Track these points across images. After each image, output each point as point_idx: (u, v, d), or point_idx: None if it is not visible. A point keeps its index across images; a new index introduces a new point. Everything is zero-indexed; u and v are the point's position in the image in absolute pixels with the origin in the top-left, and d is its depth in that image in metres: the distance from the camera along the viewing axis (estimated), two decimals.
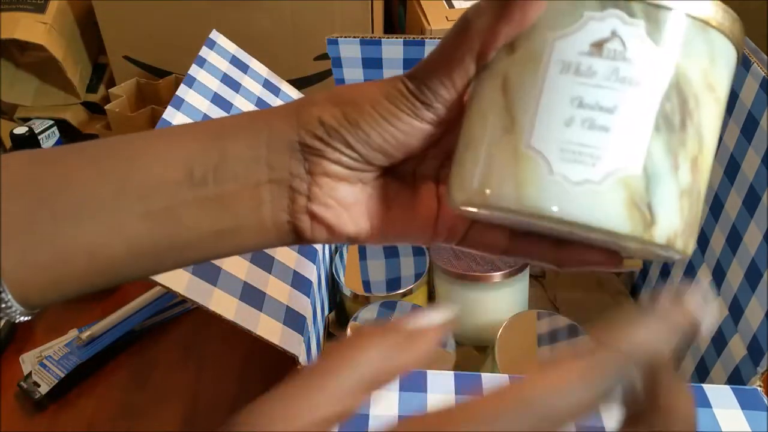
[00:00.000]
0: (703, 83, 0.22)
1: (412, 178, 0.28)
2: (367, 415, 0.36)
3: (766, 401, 0.38)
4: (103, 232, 0.24)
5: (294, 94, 0.62)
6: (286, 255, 0.48)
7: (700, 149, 0.22)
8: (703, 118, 0.22)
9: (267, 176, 0.25)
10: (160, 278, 0.35)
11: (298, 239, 0.27)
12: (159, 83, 0.80)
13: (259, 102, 0.57)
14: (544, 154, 0.21)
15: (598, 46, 0.21)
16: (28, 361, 0.62)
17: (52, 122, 0.84)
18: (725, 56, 0.23)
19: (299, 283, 0.47)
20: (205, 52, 0.54)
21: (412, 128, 0.25)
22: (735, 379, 0.45)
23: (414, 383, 0.38)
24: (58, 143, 0.85)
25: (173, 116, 0.47)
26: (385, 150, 0.25)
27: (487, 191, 0.22)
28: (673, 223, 0.22)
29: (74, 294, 0.25)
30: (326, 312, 0.58)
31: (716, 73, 0.22)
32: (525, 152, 0.22)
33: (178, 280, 0.37)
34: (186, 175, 0.24)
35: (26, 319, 0.24)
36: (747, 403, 0.38)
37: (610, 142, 0.21)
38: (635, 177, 0.21)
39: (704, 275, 0.51)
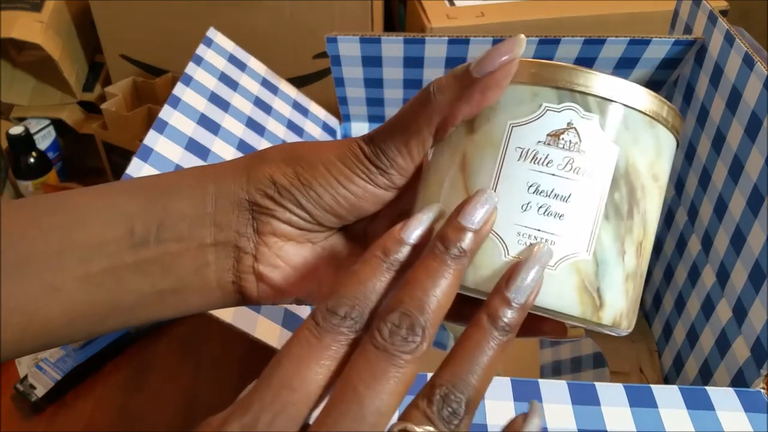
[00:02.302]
0: (649, 174, 0.23)
1: (363, 237, 0.28)
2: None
3: None
4: (40, 293, 0.23)
5: (292, 92, 0.62)
6: None
7: (644, 234, 0.24)
8: (648, 205, 0.24)
9: (212, 236, 0.25)
10: None
11: (244, 300, 0.26)
12: (156, 82, 0.80)
13: (257, 101, 0.56)
14: (501, 236, 0.22)
15: (554, 137, 0.23)
16: (24, 363, 0.62)
17: (48, 122, 0.84)
18: (668, 148, 0.24)
19: None
20: (202, 50, 0.54)
21: (365, 192, 0.24)
22: (738, 381, 0.44)
23: (415, 386, 0.38)
24: (54, 143, 0.85)
25: (170, 115, 0.47)
26: (336, 212, 0.25)
27: None
28: (620, 305, 0.23)
29: (9, 357, 0.24)
30: None
31: (661, 164, 0.24)
32: None
33: None
34: (127, 234, 0.24)
35: None
36: (750, 405, 0.37)
37: (564, 228, 0.22)
38: (586, 262, 0.22)
39: (708, 277, 0.51)
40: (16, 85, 0.85)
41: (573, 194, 0.22)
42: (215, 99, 0.52)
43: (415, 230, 0.22)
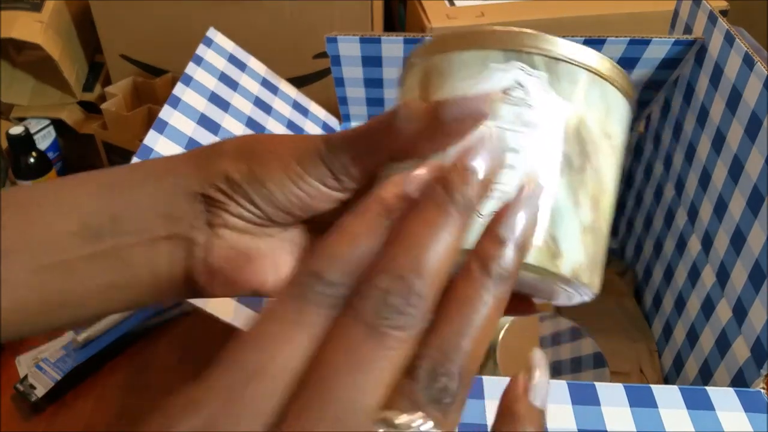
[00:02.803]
0: (600, 131, 0.24)
1: (328, 227, 0.28)
2: None
3: None
4: None
5: (292, 92, 0.62)
6: None
7: (600, 190, 0.24)
8: (602, 161, 0.24)
9: (165, 228, 0.25)
10: None
11: (195, 293, 0.26)
12: (155, 82, 0.80)
13: (257, 101, 0.56)
14: None
15: (503, 93, 0.23)
16: (24, 363, 0.62)
17: (48, 122, 0.84)
18: (618, 108, 0.25)
19: None
20: (202, 50, 0.54)
21: (318, 192, 0.24)
22: (738, 381, 0.44)
23: None
24: (54, 143, 0.85)
25: (170, 115, 0.47)
26: (288, 210, 0.25)
27: None
28: (578, 256, 0.23)
29: None
30: None
31: (612, 123, 0.25)
32: None
33: None
34: (81, 227, 0.24)
35: None
36: (750, 405, 0.37)
37: (517, 178, 0.23)
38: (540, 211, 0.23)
39: (708, 277, 0.51)
40: (16, 85, 0.85)
41: (523, 146, 0.23)
42: (215, 99, 0.52)
43: (420, 184, 0.18)
